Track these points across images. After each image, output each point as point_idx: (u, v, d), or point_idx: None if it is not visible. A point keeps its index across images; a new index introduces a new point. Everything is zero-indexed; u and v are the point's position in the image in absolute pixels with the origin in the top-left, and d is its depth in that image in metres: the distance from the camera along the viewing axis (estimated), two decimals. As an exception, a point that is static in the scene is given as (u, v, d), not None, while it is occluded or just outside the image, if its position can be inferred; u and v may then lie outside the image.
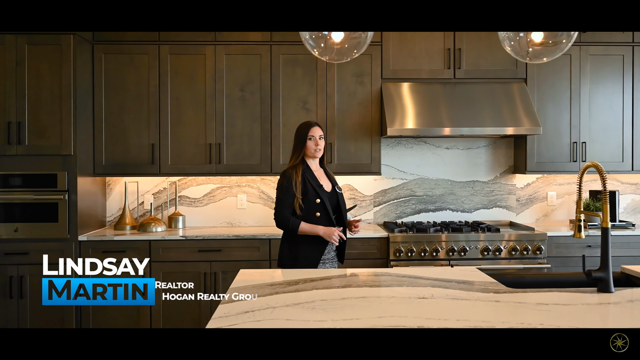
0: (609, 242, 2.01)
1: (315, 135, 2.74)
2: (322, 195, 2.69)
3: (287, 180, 2.68)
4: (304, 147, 2.73)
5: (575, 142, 3.93)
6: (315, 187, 2.68)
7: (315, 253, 2.68)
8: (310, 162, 2.77)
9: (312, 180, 2.70)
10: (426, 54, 3.89)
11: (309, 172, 2.72)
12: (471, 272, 2.33)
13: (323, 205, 2.69)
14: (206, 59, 3.83)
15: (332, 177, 2.84)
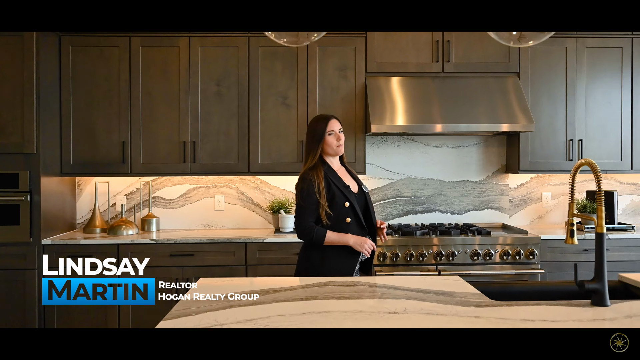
0: (604, 249, 1.80)
1: (335, 130, 2.40)
2: (351, 197, 2.37)
3: (309, 185, 2.33)
4: (322, 144, 2.39)
5: (571, 139, 3.72)
6: (342, 189, 2.36)
7: (347, 266, 2.35)
8: (330, 161, 2.44)
9: (337, 181, 2.38)
10: (413, 47, 3.68)
11: (331, 172, 2.40)
12: (453, 282, 2.11)
13: (353, 209, 2.36)
14: (180, 52, 3.61)
15: (355, 175, 2.53)
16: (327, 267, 2.33)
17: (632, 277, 2.15)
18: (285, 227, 3.64)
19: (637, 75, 3.73)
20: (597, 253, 1.80)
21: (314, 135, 2.40)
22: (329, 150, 2.40)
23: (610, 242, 3.48)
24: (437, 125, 3.45)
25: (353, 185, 2.45)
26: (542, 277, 3.40)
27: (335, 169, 2.44)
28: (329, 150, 2.40)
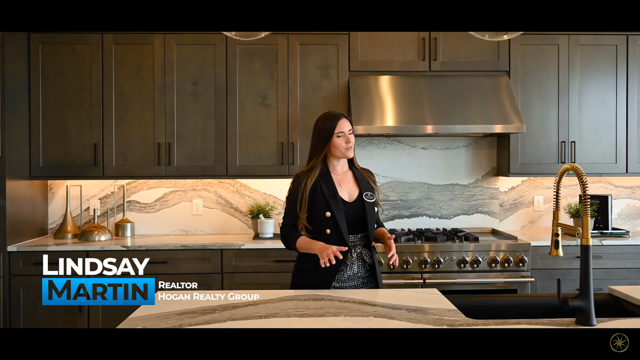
0: (589, 262, 1.64)
1: (344, 131, 2.18)
2: (335, 207, 2.14)
3: (295, 187, 2.20)
4: (329, 145, 2.18)
5: (563, 141, 3.56)
6: (328, 197, 2.14)
7: (324, 275, 2.13)
8: (334, 164, 2.23)
9: (327, 188, 2.17)
10: (398, 44, 3.52)
11: (326, 177, 2.19)
12: (430, 296, 1.96)
13: (334, 220, 2.14)
14: (154, 50, 3.46)
15: (365, 181, 2.26)
16: (308, 276, 2.17)
17: (623, 291, 1.99)
18: (265, 233, 3.48)
19: (632, 75, 3.57)
20: (582, 267, 1.64)
21: (320, 135, 2.20)
22: (335, 152, 2.19)
23: (604, 249, 3.32)
24: (424, 127, 3.29)
25: (350, 193, 2.22)
26: (532, 285, 3.24)
27: (336, 173, 2.24)
28: (335, 152, 2.19)
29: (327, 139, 2.18)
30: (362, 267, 2.19)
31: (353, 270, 2.17)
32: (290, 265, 3.22)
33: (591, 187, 3.86)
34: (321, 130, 2.20)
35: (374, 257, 2.21)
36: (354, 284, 2.18)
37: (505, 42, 3.53)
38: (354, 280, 2.18)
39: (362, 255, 2.19)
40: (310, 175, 2.18)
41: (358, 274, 2.18)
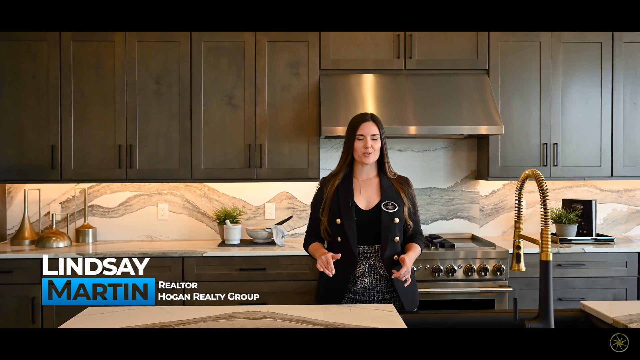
0: (549, 281, 1.48)
1: (366, 134, 2.09)
2: (345, 215, 2.06)
3: (320, 190, 2.20)
4: (351, 148, 2.12)
5: (545, 143, 3.39)
6: (341, 204, 2.08)
7: (338, 289, 2.07)
8: (359, 169, 2.16)
9: (344, 194, 2.10)
10: (372, 41, 3.35)
11: (346, 182, 2.13)
12: (383, 313, 1.79)
13: (343, 229, 2.06)
14: (115, 47, 3.29)
15: (393, 190, 2.13)
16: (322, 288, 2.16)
17: (594, 307, 1.82)
18: (231, 240, 3.32)
19: (617, 73, 3.40)
20: (541, 285, 1.47)
21: (346, 137, 2.15)
22: (355, 156, 2.13)
23: (587, 257, 3.15)
24: (397, 128, 3.12)
25: (368, 201, 2.13)
26: (510, 295, 3.08)
27: (360, 178, 2.16)
28: (355, 156, 2.13)
29: (351, 141, 2.12)
30: (379, 280, 2.08)
31: (364, 283, 2.07)
32: (256, 273, 3.09)
33: (575, 191, 3.70)
34: (347, 132, 2.15)
35: (389, 272, 2.06)
36: (373, 299, 2.09)
37: (484, 39, 3.37)
38: (372, 295, 2.08)
39: (375, 268, 2.08)
40: (334, 179, 2.15)
41: (377, 287, 2.08)
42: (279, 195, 3.63)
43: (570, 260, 3.14)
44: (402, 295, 2.09)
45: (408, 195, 2.17)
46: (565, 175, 3.40)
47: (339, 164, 2.19)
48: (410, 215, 2.17)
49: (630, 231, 3.72)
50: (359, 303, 2.07)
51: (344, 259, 2.07)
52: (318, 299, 2.19)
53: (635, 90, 3.41)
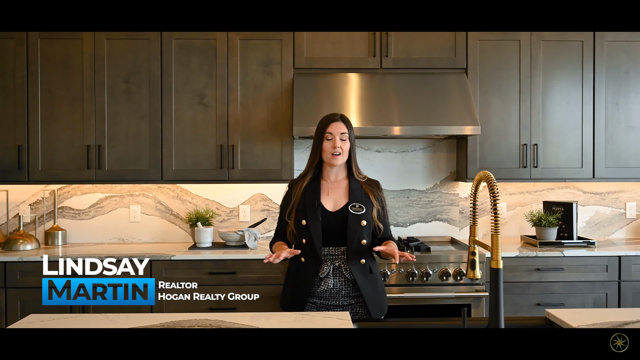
0: (500, 289, 1.40)
1: (334, 134, 2.03)
2: (311, 216, 2.01)
3: (288, 193, 2.15)
4: (319, 149, 2.06)
5: (525, 144, 3.31)
6: (307, 205, 2.04)
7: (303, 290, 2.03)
8: (327, 171, 2.10)
9: (311, 195, 2.06)
10: (347, 40, 3.27)
11: (315, 183, 2.08)
12: (336, 321, 1.71)
13: (308, 231, 2.01)
14: (84, 45, 3.21)
15: (361, 193, 2.08)
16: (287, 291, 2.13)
17: (559, 315, 1.74)
18: (202, 242, 3.23)
19: (599, 73, 3.32)
20: (491, 294, 1.39)
21: (315, 138, 2.10)
22: (323, 156, 2.06)
23: (566, 261, 3.07)
24: (370, 128, 3.05)
25: (335, 202, 2.08)
26: (487, 300, 2.99)
27: (328, 180, 2.11)
28: (323, 156, 2.06)
29: (319, 141, 2.06)
30: (344, 284, 2.02)
31: (328, 285, 2.01)
32: (225, 277, 3.01)
33: (558, 193, 3.61)
34: (316, 131, 2.10)
35: (355, 274, 2.01)
36: (338, 304, 2.03)
37: (462, 38, 3.29)
38: (337, 299, 2.03)
39: (340, 270, 2.02)
40: (302, 181, 2.10)
41: (341, 291, 2.02)
42: (254, 196, 3.55)
43: (549, 265, 3.06)
44: (368, 301, 2.02)
45: (377, 198, 2.11)
46: (546, 177, 3.32)
47: (306, 165, 2.14)
48: (379, 218, 2.11)
49: (613, 234, 3.64)
50: (324, 308, 2.02)
51: (308, 261, 2.04)
52: (283, 306, 2.13)
53: (617, 90, 3.33)
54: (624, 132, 3.34)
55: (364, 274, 2.02)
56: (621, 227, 3.64)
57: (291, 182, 2.18)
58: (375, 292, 2.04)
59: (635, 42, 3.33)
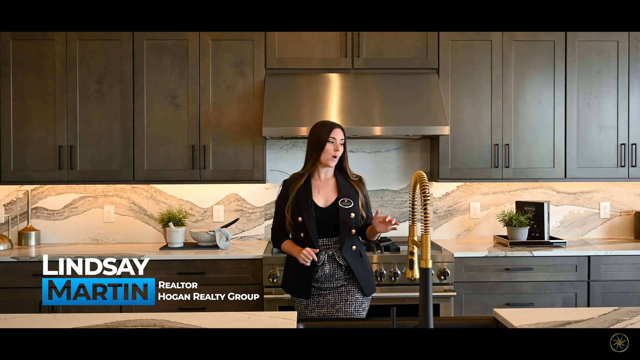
0: (429, 289, 1.40)
1: (337, 139, 2.29)
2: (305, 212, 2.27)
3: (283, 191, 2.37)
4: (322, 151, 2.28)
5: (496, 144, 3.32)
6: (301, 203, 2.29)
7: (303, 277, 2.29)
8: (320, 171, 2.35)
9: (304, 194, 2.31)
10: (319, 40, 3.28)
11: (307, 183, 2.33)
12: (281, 321, 1.72)
13: (304, 226, 2.28)
14: (56, 45, 3.22)
15: (349, 188, 2.35)
16: (290, 276, 2.34)
17: (504, 314, 1.74)
18: (174, 243, 3.24)
19: (570, 73, 3.33)
20: (421, 294, 1.39)
21: (315, 141, 2.30)
22: (321, 158, 2.30)
23: (536, 261, 3.07)
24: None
25: (326, 199, 2.33)
26: (455, 299, 3.00)
27: (320, 178, 2.35)
28: (321, 158, 2.30)
29: (322, 144, 2.28)
30: (338, 269, 2.28)
31: (325, 271, 2.27)
32: (195, 277, 3.01)
33: (531, 192, 3.62)
34: (317, 136, 2.30)
35: (348, 260, 2.27)
36: (332, 285, 2.28)
37: (433, 38, 3.29)
38: (331, 282, 2.28)
39: (334, 258, 2.27)
40: (298, 180, 2.32)
41: (334, 275, 2.28)
42: (228, 197, 3.56)
43: (519, 264, 3.06)
44: (360, 281, 2.30)
45: (362, 192, 2.39)
46: (517, 177, 3.33)
47: (306, 165, 2.33)
48: (364, 209, 2.38)
49: (587, 234, 3.64)
50: (322, 290, 2.29)
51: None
52: (287, 290, 2.39)
53: (588, 90, 3.33)
54: (595, 132, 3.34)
55: (355, 258, 2.30)
56: (595, 227, 3.64)
57: (285, 181, 2.38)
58: (365, 272, 2.33)
59: (607, 42, 3.34)
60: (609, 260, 3.09)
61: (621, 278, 3.09)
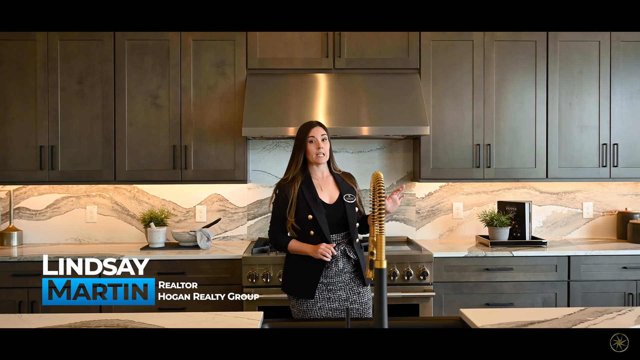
0: (383, 289, 1.40)
1: (316, 137, 2.33)
2: (316, 210, 2.28)
3: (282, 198, 2.33)
4: (303, 152, 2.33)
5: (478, 144, 3.32)
6: (309, 201, 2.29)
7: (311, 275, 2.28)
8: (314, 170, 2.38)
9: (308, 193, 2.31)
10: (300, 40, 3.28)
11: (307, 182, 2.34)
12: (246, 321, 1.72)
13: (316, 222, 2.28)
14: (37, 46, 3.22)
15: (346, 184, 2.41)
16: (298, 277, 2.31)
17: (469, 315, 1.74)
18: (155, 243, 3.25)
19: (552, 73, 3.33)
20: (376, 294, 1.39)
21: (296, 143, 2.36)
22: (309, 158, 2.34)
23: (516, 261, 3.08)
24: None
25: (330, 196, 2.36)
26: (435, 300, 3.00)
27: (317, 177, 2.37)
28: (309, 158, 2.34)
29: (301, 146, 2.33)
30: (347, 263, 2.31)
31: (338, 266, 2.29)
32: (174, 277, 3.01)
33: (514, 193, 3.62)
34: (297, 138, 2.35)
35: (358, 253, 2.33)
36: (341, 279, 2.30)
37: (415, 38, 3.29)
38: (340, 276, 2.30)
39: (346, 252, 2.31)
40: (295, 182, 2.32)
41: (344, 269, 2.31)
42: (210, 197, 3.56)
43: (498, 264, 3.07)
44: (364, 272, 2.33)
45: (356, 187, 2.46)
46: (499, 177, 3.33)
47: (290, 169, 2.35)
48: (360, 202, 2.45)
49: (570, 234, 3.64)
50: (331, 285, 2.28)
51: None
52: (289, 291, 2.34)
53: (570, 90, 3.33)
54: (577, 132, 3.34)
55: (360, 251, 2.36)
56: (578, 227, 3.64)
57: (280, 185, 2.36)
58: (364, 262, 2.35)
59: (588, 42, 3.34)
60: (589, 261, 3.09)
61: (601, 278, 3.09)
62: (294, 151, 2.36)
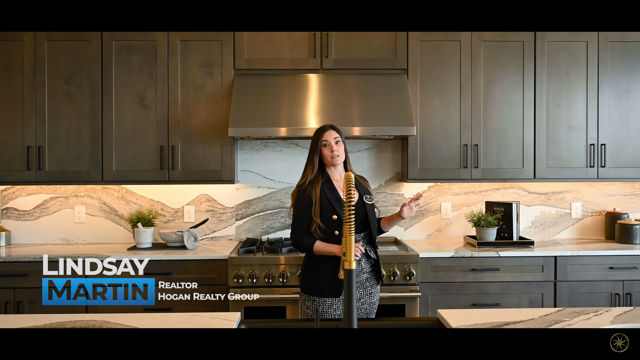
0: (353, 289, 1.40)
1: (329, 140, 2.38)
2: (341, 210, 2.34)
3: (306, 200, 2.35)
4: (318, 155, 2.40)
5: (466, 144, 3.32)
6: (333, 202, 2.35)
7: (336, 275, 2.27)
8: (331, 172, 2.43)
9: (330, 193, 2.37)
10: (288, 40, 3.28)
11: (328, 184, 2.39)
12: (222, 322, 1.72)
13: (340, 223, 2.32)
14: (24, 46, 3.22)
15: (362, 185, 2.49)
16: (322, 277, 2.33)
17: (445, 315, 1.74)
18: (142, 243, 3.25)
19: (540, 73, 3.33)
20: (345, 295, 1.39)
21: (311, 147, 2.42)
22: (325, 161, 2.39)
23: (503, 261, 3.08)
24: (305, 129, 3.05)
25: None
26: (421, 300, 3.00)
27: (335, 179, 2.42)
28: (325, 161, 2.39)
29: (316, 149, 2.39)
30: (367, 262, 2.39)
31: (360, 265, 2.37)
32: (161, 277, 3.00)
33: (503, 193, 3.62)
34: (312, 143, 2.42)
35: (377, 253, 2.42)
36: (359, 279, 2.37)
37: (402, 38, 3.29)
38: (359, 275, 2.37)
39: (367, 251, 2.39)
40: (315, 185, 2.36)
41: (364, 269, 2.38)
42: (199, 197, 3.56)
43: (485, 265, 3.07)
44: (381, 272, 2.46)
45: (371, 189, 2.55)
46: (487, 177, 3.33)
47: (307, 173, 2.40)
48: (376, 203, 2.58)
49: (559, 234, 3.64)
50: None
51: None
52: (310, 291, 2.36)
53: (558, 90, 3.33)
54: (565, 132, 3.34)
55: (376, 249, 2.43)
56: (567, 227, 3.65)
57: (300, 189, 2.38)
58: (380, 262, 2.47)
59: (576, 42, 3.34)
60: (576, 261, 3.10)
61: (588, 278, 3.09)
62: (310, 155, 2.41)
